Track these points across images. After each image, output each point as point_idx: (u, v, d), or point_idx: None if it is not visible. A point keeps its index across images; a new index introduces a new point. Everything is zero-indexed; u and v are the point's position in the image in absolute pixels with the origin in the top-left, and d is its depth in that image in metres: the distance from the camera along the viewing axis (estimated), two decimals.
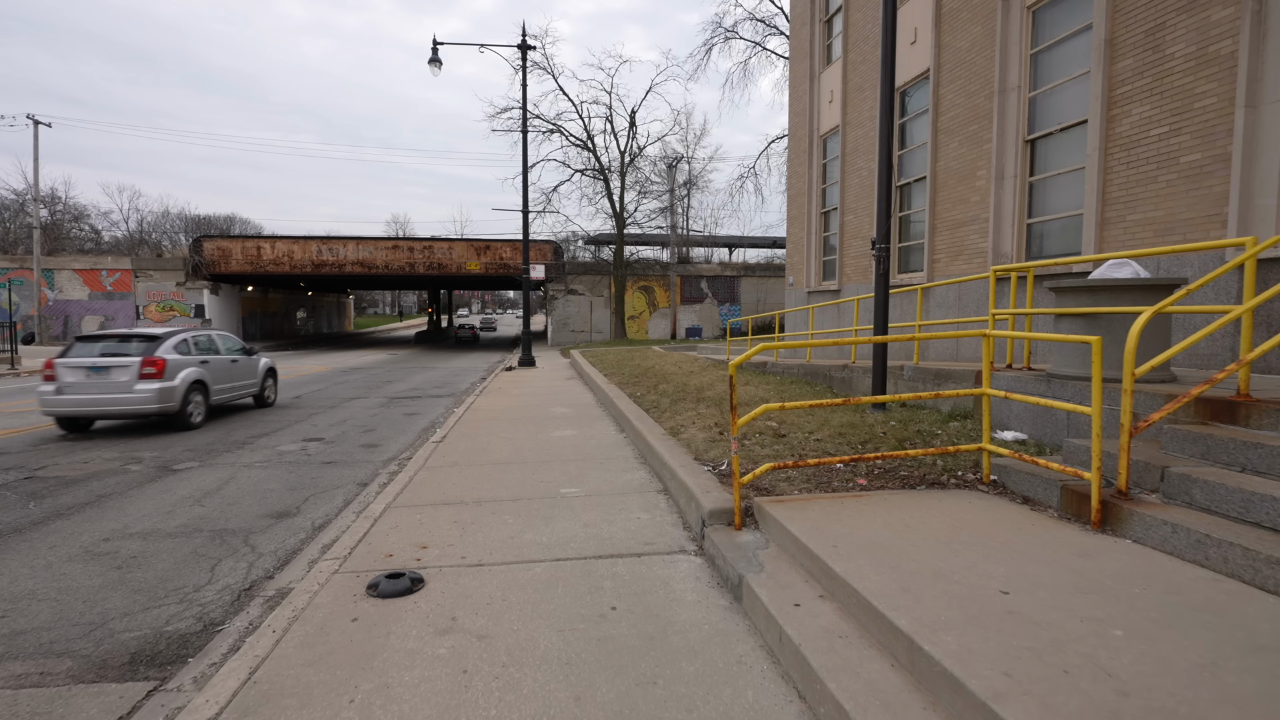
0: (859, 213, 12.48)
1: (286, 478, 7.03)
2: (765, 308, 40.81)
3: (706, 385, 10.73)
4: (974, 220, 9.13)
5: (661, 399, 9.66)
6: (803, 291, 15.05)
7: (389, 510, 5.25)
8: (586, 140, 32.37)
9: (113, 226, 74.17)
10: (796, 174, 15.40)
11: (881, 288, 7.16)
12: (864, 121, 12.22)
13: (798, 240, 15.36)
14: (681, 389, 10.55)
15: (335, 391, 15.49)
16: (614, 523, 4.79)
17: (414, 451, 8.13)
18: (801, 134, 15.04)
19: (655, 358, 18.10)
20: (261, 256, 37.06)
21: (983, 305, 9.01)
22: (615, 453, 7.27)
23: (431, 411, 12.19)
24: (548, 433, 8.64)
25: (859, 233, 12.50)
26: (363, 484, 6.79)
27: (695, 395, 9.62)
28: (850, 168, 12.82)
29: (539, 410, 10.79)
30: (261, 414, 11.68)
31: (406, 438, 9.43)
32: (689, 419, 7.59)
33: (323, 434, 9.77)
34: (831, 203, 14.11)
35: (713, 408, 8.31)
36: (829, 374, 10.01)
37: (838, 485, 4.56)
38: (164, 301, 36.73)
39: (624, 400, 9.94)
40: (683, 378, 12.25)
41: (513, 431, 8.80)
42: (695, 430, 6.81)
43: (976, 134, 9.05)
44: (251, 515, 5.69)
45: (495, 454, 7.35)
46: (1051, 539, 3.41)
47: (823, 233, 14.49)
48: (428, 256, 38.35)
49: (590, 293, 37.83)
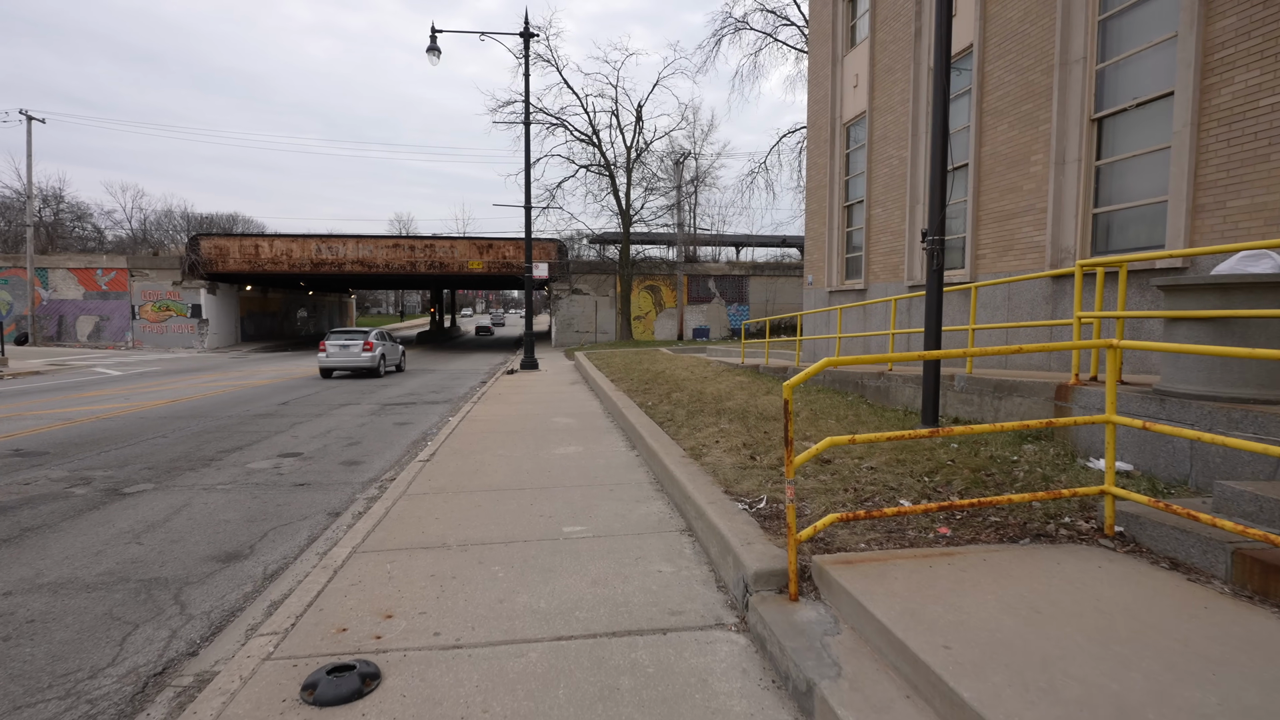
0: (888, 205, 11.50)
1: (249, 505, 6.10)
2: (774, 308, 39.82)
3: (724, 395, 9.76)
4: (1027, 211, 8.15)
5: (676, 410, 8.71)
6: (823, 291, 14.08)
7: (355, 556, 4.31)
8: (591, 135, 31.46)
9: (116, 226, 73.74)
10: (816, 166, 14.42)
11: (935, 286, 6.19)
12: (894, 106, 11.23)
13: (817, 236, 14.39)
14: (697, 398, 9.59)
15: (325, 397, 14.59)
16: (629, 579, 3.84)
17: (399, 471, 7.19)
18: (822, 123, 14.06)
19: (664, 361, 17.15)
20: (259, 255, 36.26)
21: (1037, 307, 8.03)
22: (626, 476, 6.32)
23: (424, 421, 11.27)
24: (549, 449, 7.70)
25: (888, 227, 11.53)
26: (334, 513, 5.85)
27: (714, 407, 8.66)
28: (878, 156, 11.84)
29: (540, 421, 9.85)
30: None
31: (393, 453, 8.50)
32: (710, 437, 6.62)
33: (302, 447, 8.85)
34: (856, 195, 13.13)
35: (737, 423, 7.34)
36: (860, 382, 9.04)
37: (914, 535, 3.59)
38: (160, 301, 35.97)
39: (634, 411, 8.98)
40: (696, 384, 11.29)
41: (510, 447, 7.85)
42: (720, 453, 5.84)
43: (1031, 114, 8.06)
44: (195, 557, 4.75)
45: (489, 477, 6.41)
46: (1252, 634, 2.44)
47: (845, 228, 13.51)
48: (429, 255, 37.48)
49: (595, 292, 36.89)
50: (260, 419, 11.35)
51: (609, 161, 31.68)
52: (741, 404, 8.65)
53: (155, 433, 9.88)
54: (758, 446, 5.95)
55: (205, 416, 11.53)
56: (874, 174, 11.98)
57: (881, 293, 11.74)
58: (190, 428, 10.33)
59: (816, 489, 4.49)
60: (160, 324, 36.08)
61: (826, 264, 13.82)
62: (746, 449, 5.89)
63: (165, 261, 36.73)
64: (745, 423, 7.29)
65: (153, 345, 35.92)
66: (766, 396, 9.19)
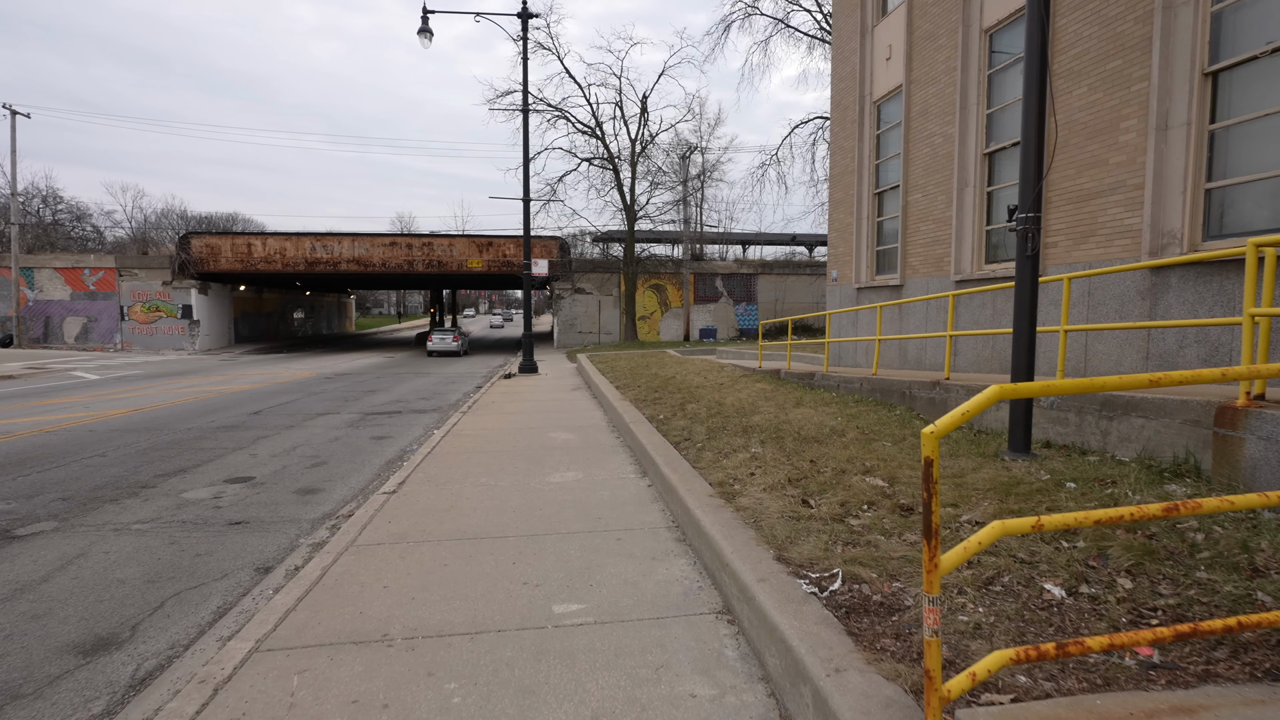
0: (929, 190, 10.17)
1: (160, 555, 4.82)
2: (783, 307, 38.50)
3: (748, 406, 8.45)
4: (1115, 188, 6.82)
5: (693, 426, 7.41)
6: (850, 288, 12.75)
7: (257, 657, 3.02)
8: (594, 127, 30.14)
9: (115, 226, 72.85)
10: (841, 150, 13.10)
11: (1028, 277, 4.87)
12: (937, 77, 9.91)
13: (843, 227, 13.06)
14: (716, 410, 8.28)
15: (303, 405, 13.33)
16: (649, 710, 2.54)
17: (360, 503, 5.91)
18: (848, 101, 12.74)
19: (673, 364, 15.84)
20: (252, 254, 35.09)
21: (1129, 304, 6.70)
22: (637, 516, 5.02)
23: (406, 434, 9.99)
24: (542, 475, 6.40)
25: (929, 214, 10.20)
26: (265, 569, 4.57)
27: (739, 423, 7.35)
28: (917, 135, 10.51)
29: (534, 437, 8.56)
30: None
31: (360, 477, 7.21)
32: (742, 465, 5.32)
33: (257, 469, 7.59)
34: (889, 180, 11.80)
35: (772, 446, 6.03)
36: (908, 392, 7.72)
37: (1098, 660, 2.27)
38: (149, 302, 34.82)
39: (643, 426, 7.68)
40: (713, 393, 9.98)
41: (496, 472, 6.56)
42: (760, 491, 4.53)
43: (1119, 73, 6.74)
44: (50, 645, 3.48)
45: (464, 517, 5.11)
46: None
47: (875, 217, 12.19)
48: (427, 254, 36.24)
49: (599, 292, 35.61)
50: (222, 432, 10.09)
51: (612, 155, 30.37)
52: (772, 419, 7.34)
53: (95, 450, 8.63)
54: (808, 483, 4.63)
55: (161, 429, 10.28)
56: (911, 155, 10.66)
57: (921, 289, 10.41)
58: (138, 444, 9.07)
59: (904, 557, 3.18)
60: (150, 325, 34.94)
61: (854, 258, 12.50)
62: (794, 487, 4.58)
63: (155, 261, 35.59)
64: (781, 445, 5.98)
65: (142, 347, 34.78)
66: (799, 410, 7.87)
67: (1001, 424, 6.05)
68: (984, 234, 9.16)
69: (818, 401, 8.42)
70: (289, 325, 48.48)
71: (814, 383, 10.22)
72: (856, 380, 8.99)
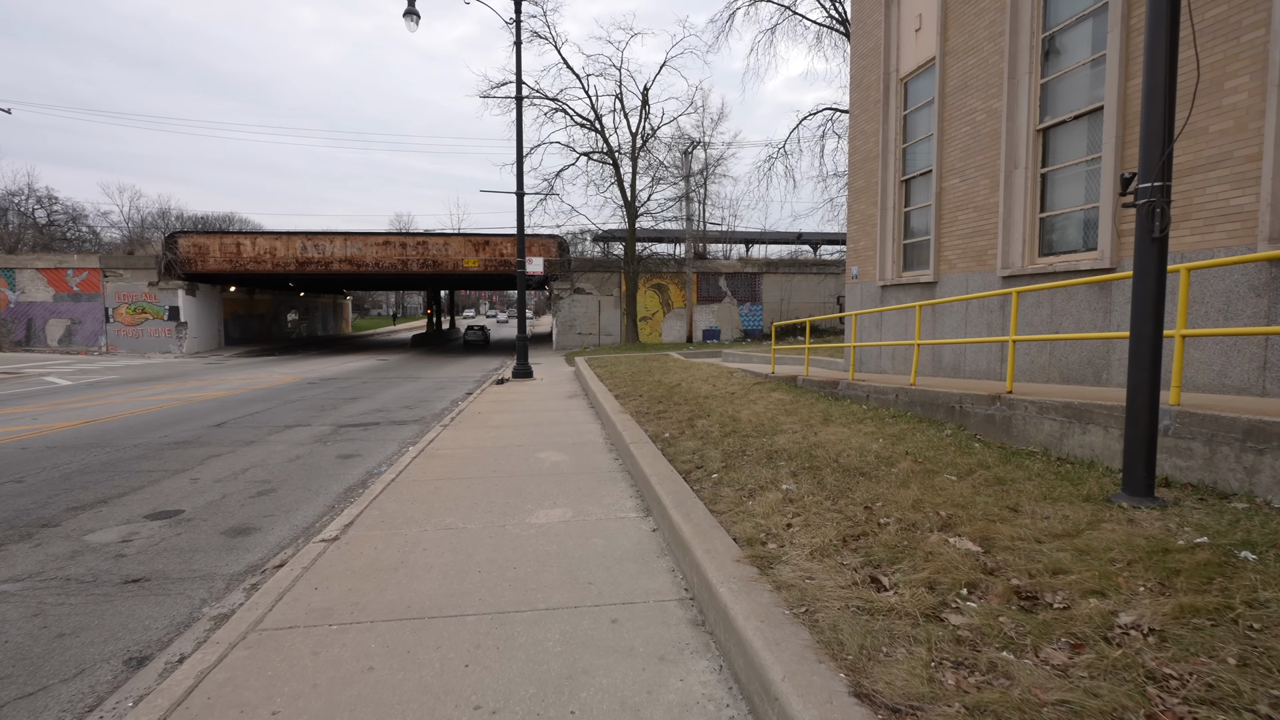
0: (969, 174, 8.98)
1: (10, 634, 3.66)
2: (789, 307, 37.32)
3: (768, 423, 7.27)
4: (1218, 162, 5.64)
5: (705, 448, 6.23)
6: (873, 285, 11.56)
7: None
8: (593, 121, 28.95)
9: (112, 227, 71.90)
10: (862, 134, 11.91)
11: (1155, 265, 3.70)
12: (979, 45, 8.72)
13: (864, 219, 11.88)
14: (731, 427, 7.11)
15: (274, 416, 12.16)
16: None
17: (294, 551, 4.74)
18: (870, 80, 11.55)
19: (678, 370, 14.66)
20: (241, 254, 33.97)
21: (1238, 302, 5.51)
22: (640, 580, 3.84)
23: (378, 452, 8.82)
24: (523, 514, 5.22)
25: (969, 201, 9.01)
26: (139, 660, 3.41)
27: (761, 445, 6.17)
28: (954, 112, 9.32)
29: (520, 457, 7.38)
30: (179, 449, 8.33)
31: (308, 512, 6.04)
32: (773, 509, 4.13)
33: (191, 499, 6.42)
34: (919, 165, 10.61)
35: (807, 478, 4.84)
36: (959, 407, 6.53)
37: None
38: (135, 303, 33.70)
39: (646, 448, 6.50)
40: (724, 404, 8.80)
41: (468, 508, 5.38)
42: (804, 555, 3.33)
43: (1225, 21, 5.56)
44: None
45: (414, 580, 3.93)
46: None
47: (902, 207, 11.00)
48: (422, 253, 35.08)
49: (599, 291, 34.43)
50: (172, 449, 8.93)
51: (612, 149, 29.18)
52: (800, 441, 6.15)
53: (13, 474, 7.47)
54: (870, 544, 3.44)
55: (104, 446, 9.12)
56: (947, 136, 9.47)
57: (960, 286, 9.22)
58: (68, 465, 7.92)
59: (1072, 716, 2.00)
60: (135, 327, 33.83)
61: (878, 252, 11.30)
62: (852, 550, 3.39)
63: (141, 261, 34.44)
64: (819, 479, 4.80)
65: (128, 350, 33.67)
66: (830, 429, 6.68)
67: (1092, 451, 4.87)
68: (1037, 223, 7.96)
69: (849, 417, 7.24)
70: (282, 327, 47.34)
71: (838, 392, 9.04)
72: (890, 391, 7.80)
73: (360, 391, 16.50)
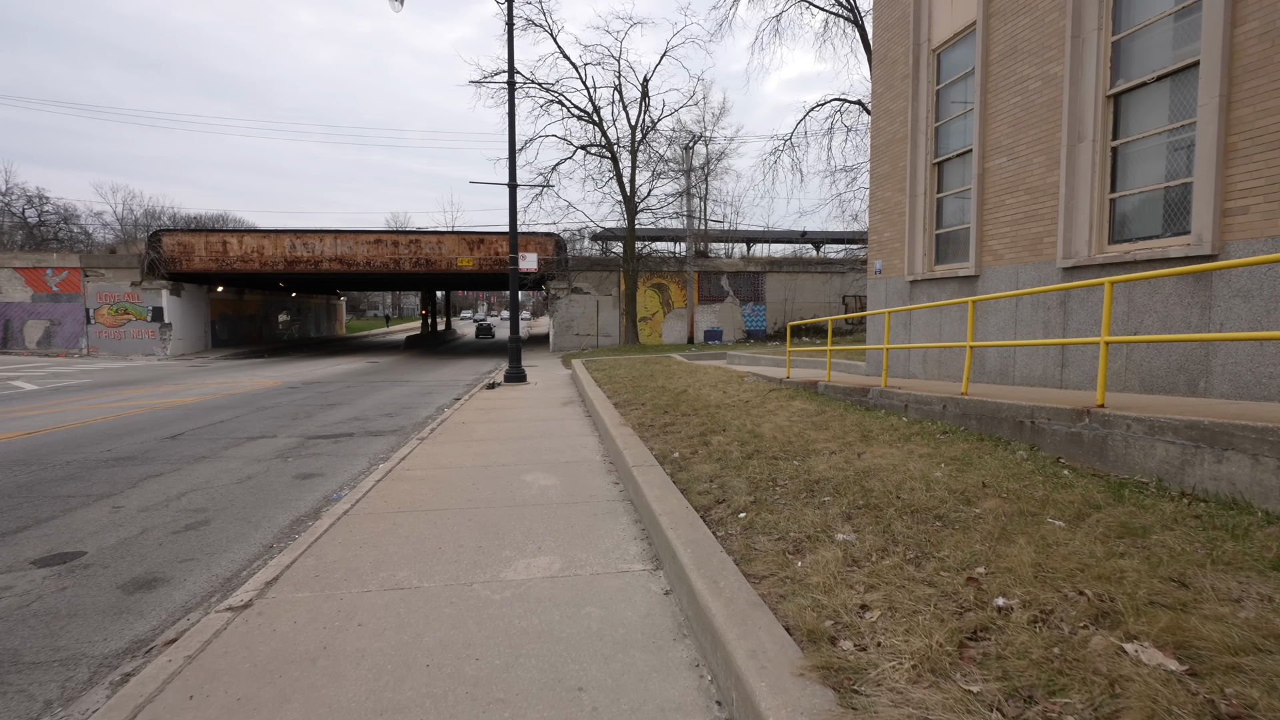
0: (1020, 152, 7.86)
1: None
2: (793, 307, 36.21)
3: (796, 438, 6.13)
4: None
5: (726, 474, 5.09)
6: (900, 281, 10.43)
7: None
8: (592, 113, 27.80)
9: (106, 228, 70.79)
10: (887, 113, 10.79)
11: None
12: (1032, 4, 7.61)
13: (889, 207, 10.75)
14: (753, 445, 5.97)
15: (240, 425, 11.02)
16: None
17: (191, 623, 3.60)
18: (896, 54, 10.43)
19: (682, 373, 13.52)
20: (228, 253, 32.78)
21: None
22: (653, 683, 2.70)
23: (342, 471, 7.69)
24: (497, 566, 4.08)
25: (1021, 183, 7.88)
26: None
27: (794, 470, 5.03)
28: (1001, 81, 8.20)
29: (502, 481, 6.24)
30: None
31: (234, 558, 4.90)
32: (833, 575, 2.99)
33: (101, 535, 5.29)
34: (954, 145, 9.48)
35: (870, 526, 3.70)
36: (1030, 422, 5.40)
37: None
38: (117, 304, 32.53)
39: (652, 473, 5.36)
40: (740, 415, 7.67)
41: (428, 556, 4.25)
42: (906, 676, 2.20)
43: None
44: None
45: (330, 686, 2.79)
46: None
47: (934, 193, 9.87)
48: (415, 252, 33.89)
49: (597, 291, 33.29)
50: (107, 468, 7.79)
51: (611, 142, 28.03)
52: (842, 466, 5.01)
53: None
54: (1002, 647, 2.31)
55: (29, 464, 7.99)
56: (992, 110, 8.35)
57: (1008, 280, 8.10)
58: None
59: None
60: (118, 329, 32.67)
61: (906, 244, 10.18)
62: (977, 661, 2.25)
63: (123, 260, 33.27)
64: (881, 522, 3.66)
65: (110, 352, 32.51)
66: (875, 449, 5.54)
67: (1233, 486, 3.74)
68: (1106, 204, 6.84)
69: (892, 434, 6.10)
70: (273, 329, 46.17)
71: (870, 401, 7.90)
72: (936, 400, 6.67)
73: (341, 397, 15.35)
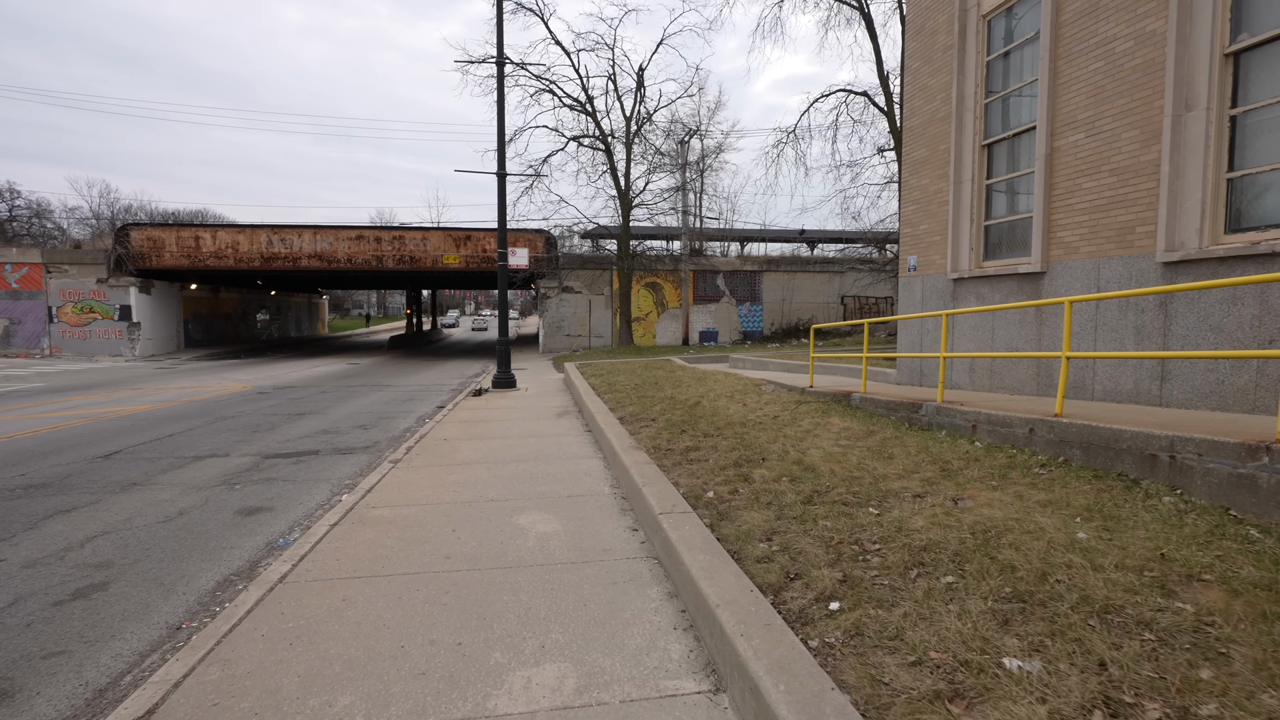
0: (1103, 125, 6.70)
1: None
2: (791, 307, 35.12)
3: (856, 469, 4.90)
4: None
5: (787, 528, 3.85)
6: (940, 279, 9.26)
7: None
8: (585, 102, 26.49)
9: (81, 224, 68.46)
10: (924, 90, 9.61)
11: None
12: None
13: (928, 197, 9.57)
14: (808, 482, 4.73)
15: (190, 441, 9.65)
16: None
17: None
18: (938, 22, 9.26)
19: (690, 380, 12.28)
20: (200, 248, 31.13)
21: None
22: None
23: (297, 503, 6.37)
24: (482, 687, 2.81)
25: (1102, 162, 6.71)
26: None
27: (878, 523, 3.79)
28: (1077, 46, 7.02)
29: (490, 527, 4.95)
30: None
31: (118, 653, 3.60)
32: None
33: None
34: (1008, 124, 8.30)
35: (1049, 639, 2.47)
36: (1171, 458, 4.21)
37: None
38: (82, 302, 30.81)
39: (688, 528, 4.11)
40: (775, 437, 6.43)
41: (380, 675, 2.97)
42: None
43: None
44: None
45: None
46: None
47: (983, 179, 8.70)
48: (398, 248, 32.38)
49: (589, 290, 32.00)
50: (13, 498, 6.43)
51: (604, 133, 26.73)
52: (947, 523, 3.78)
53: None
54: None
55: None
56: (1064, 79, 7.18)
57: (1085, 276, 6.92)
58: None
59: None
60: (83, 328, 30.94)
61: (949, 237, 9.00)
62: None
63: (89, 256, 31.54)
64: (1052, 622, 2.44)
65: (74, 353, 30.78)
66: (975, 492, 4.32)
67: None
68: (1222, 185, 5.68)
69: (978, 468, 4.89)
70: (250, 328, 44.44)
71: (923, 420, 6.69)
72: (1018, 422, 5.46)
73: (314, 404, 13.97)
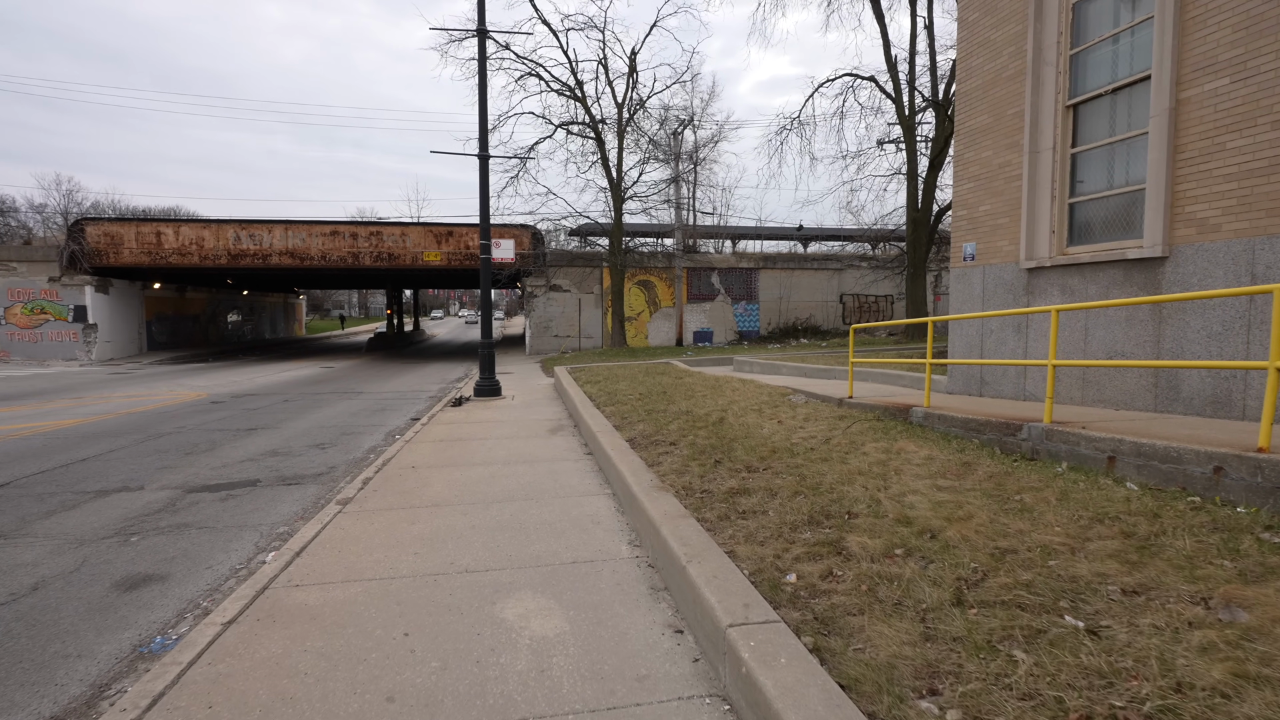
0: (1257, 67, 5.20)
1: None
2: (788, 306, 33.66)
3: (988, 530, 3.33)
4: None
5: (954, 661, 2.26)
6: (1011, 269, 7.74)
7: None
8: (574, 87, 24.81)
9: (46, 223, 65.54)
10: (985, 45, 8.10)
11: None
12: None
13: (990, 172, 8.06)
14: (944, 561, 3.15)
15: (103, 468, 7.90)
16: None
17: None
18: None
19: (704, 389, 10.68)
20: (162, 244, 29.04)
21: None
22: None
23: (202, 568, 4.69)
24: None
25: (1261, 114, 5.21)
26: None
27: (1086, 651, 2.20)
28: None
29: (460, 635, 3.31)
30: None
31: None
32: None
33: None
34: (1113, 74, 6.79)
35: None
36: None
37: None
38: (32, 302, 28.64)
39: (786, 668, 2.52)
40: (842, 472, 4.85)
41: None
42: None
43: None
44: None
45: None
46: None
47: (1067, 148, 7.20)
48: (376, 245, 30.49)
49: (578, 289, 30.33)
50: None
51: (595, 119, 25.07)
52: (1249, 685, 2.21)
53: None
54: None
55: None
56: (1196, 12, 5.67)
57: (1233, 260, 5.42)
58: None
59: None
60: (33, 330, 28.77)
61: (1023, 218, 7.49)
62: None
63: (39, 252, 29.34)
64: None
65: (24, 357, 28.60)
66: (1237, 593, 2.75)
67: None
68: None
69: (1181, 534, 3.34)
70: (221, 330, 42.24)
71: (1028, 447, 5.15)
72: (1191, 457, 3.92)
73: (270, 417, 12.20)
